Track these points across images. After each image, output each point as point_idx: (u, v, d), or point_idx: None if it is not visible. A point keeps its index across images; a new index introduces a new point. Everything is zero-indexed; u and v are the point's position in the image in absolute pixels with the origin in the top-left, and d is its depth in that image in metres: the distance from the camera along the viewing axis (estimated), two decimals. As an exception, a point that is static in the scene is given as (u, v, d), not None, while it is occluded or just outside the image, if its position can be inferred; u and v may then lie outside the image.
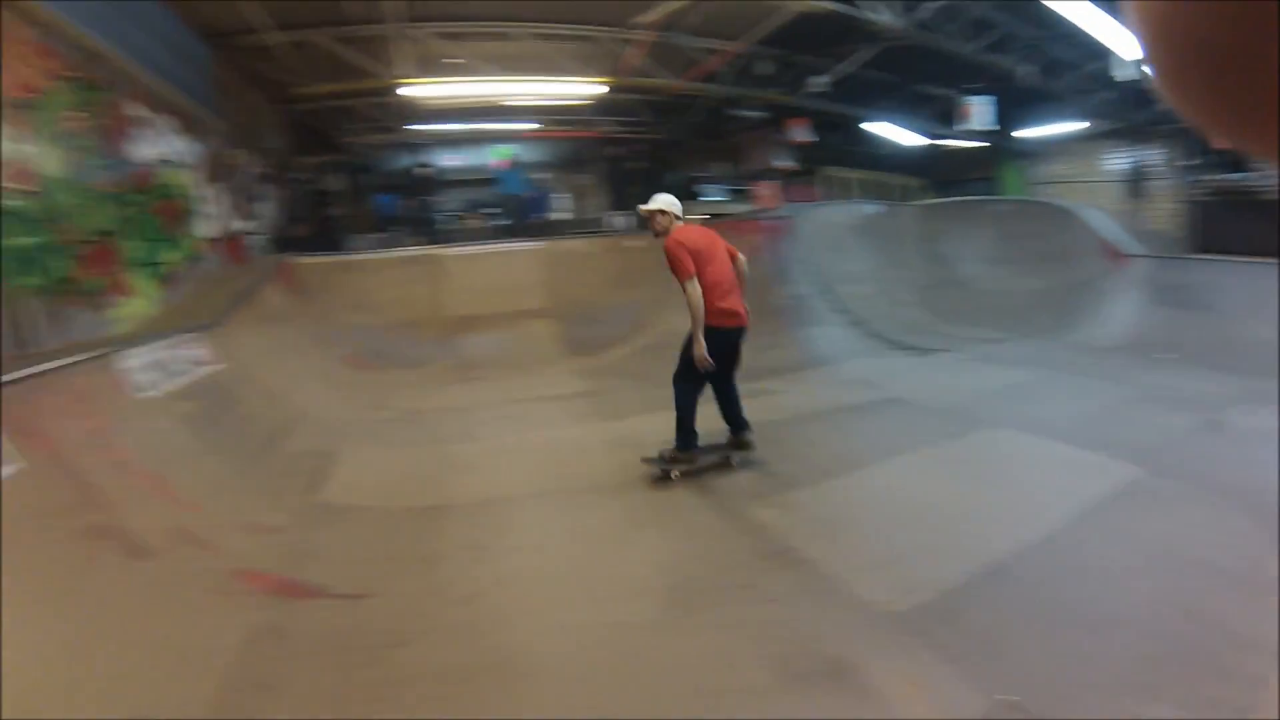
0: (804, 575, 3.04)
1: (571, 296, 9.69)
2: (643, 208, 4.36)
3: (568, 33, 10.02)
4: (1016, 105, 12.91)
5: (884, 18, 9.15)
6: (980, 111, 12.74)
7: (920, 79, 12.73)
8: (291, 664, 2.55)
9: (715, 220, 12.03)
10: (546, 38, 9.95)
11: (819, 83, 11.57)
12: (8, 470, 2.85)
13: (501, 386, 7.29)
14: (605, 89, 10.76)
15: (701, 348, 4.04)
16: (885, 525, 3.53)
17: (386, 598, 3.05)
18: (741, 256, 4.45)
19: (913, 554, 3.16)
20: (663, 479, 4.26)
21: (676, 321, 9.67)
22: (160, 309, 6.47)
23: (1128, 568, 2.91)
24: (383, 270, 9.34)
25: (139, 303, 6.25)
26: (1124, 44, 8.98)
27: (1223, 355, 6.26)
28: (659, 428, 5.22)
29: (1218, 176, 11.62)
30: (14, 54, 4.80)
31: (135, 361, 4.42)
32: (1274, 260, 6.80)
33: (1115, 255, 8.56)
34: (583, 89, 10.69)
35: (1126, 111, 12.15)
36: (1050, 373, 6.34)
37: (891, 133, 14.40)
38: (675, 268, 4.04)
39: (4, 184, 4.56)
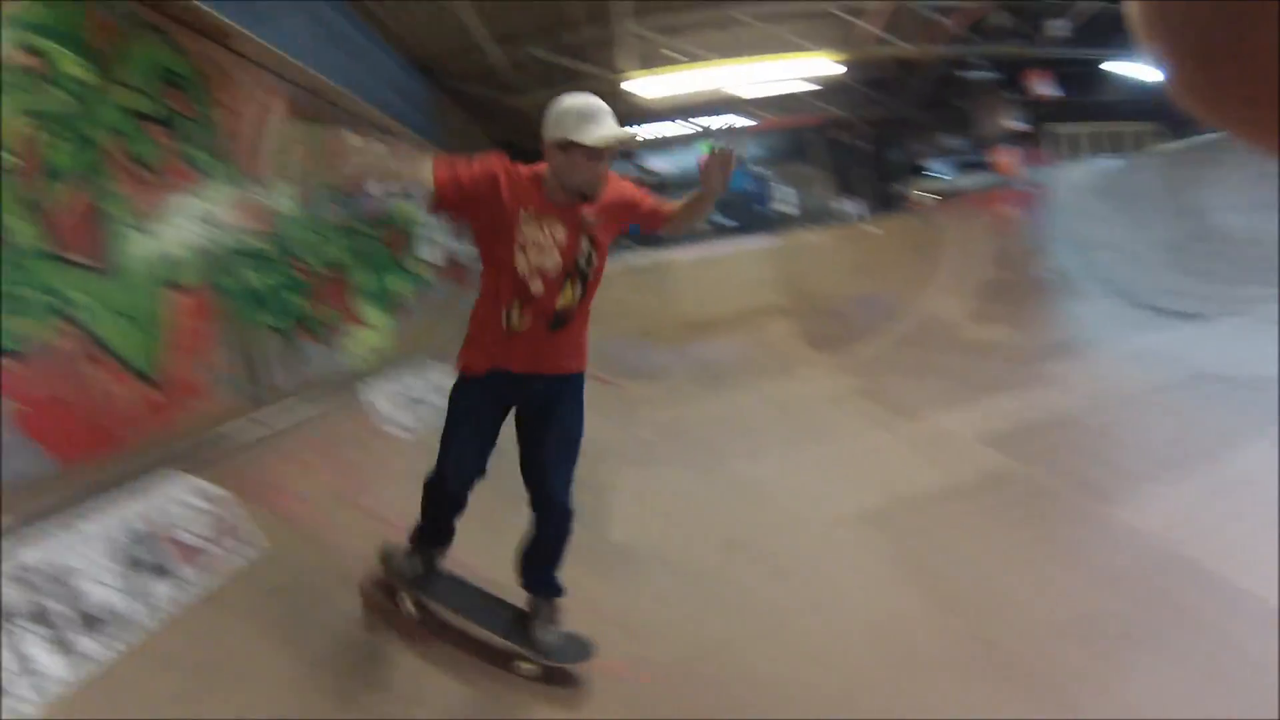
0: None
1: (810, 291, 9.06)
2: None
3: (797, 10, 9.35)
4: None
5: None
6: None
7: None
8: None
9: (955, 198, 10.77)
10: (774, 18, 9.34)
11: (1058, 27, 9.80)
12: (249, 556, 2.45)
13: (761, 391, 6.86)
14: (841, 66, 9.94)
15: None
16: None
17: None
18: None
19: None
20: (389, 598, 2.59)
21: (934, 306, 8.79)
22: (392, 339, 6.35)
23: None
24: (607, 279, 9.35)
25: (371, 334, 6.09)
26: None
27: None
28: (972, 423, 4.56)
29: None
30: (245, 95, 4.78)
31: (380, 396, 4.13)
32: None
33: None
34: (816, 67, 9.92)
35: None
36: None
37: (1136, 71, 12.01)
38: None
39: (242, 224, 4.45)
